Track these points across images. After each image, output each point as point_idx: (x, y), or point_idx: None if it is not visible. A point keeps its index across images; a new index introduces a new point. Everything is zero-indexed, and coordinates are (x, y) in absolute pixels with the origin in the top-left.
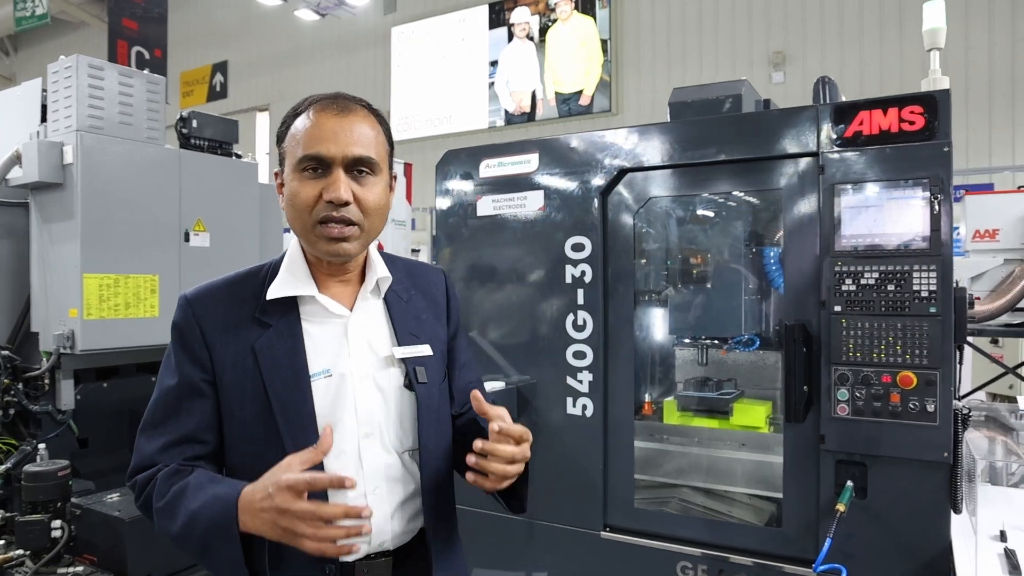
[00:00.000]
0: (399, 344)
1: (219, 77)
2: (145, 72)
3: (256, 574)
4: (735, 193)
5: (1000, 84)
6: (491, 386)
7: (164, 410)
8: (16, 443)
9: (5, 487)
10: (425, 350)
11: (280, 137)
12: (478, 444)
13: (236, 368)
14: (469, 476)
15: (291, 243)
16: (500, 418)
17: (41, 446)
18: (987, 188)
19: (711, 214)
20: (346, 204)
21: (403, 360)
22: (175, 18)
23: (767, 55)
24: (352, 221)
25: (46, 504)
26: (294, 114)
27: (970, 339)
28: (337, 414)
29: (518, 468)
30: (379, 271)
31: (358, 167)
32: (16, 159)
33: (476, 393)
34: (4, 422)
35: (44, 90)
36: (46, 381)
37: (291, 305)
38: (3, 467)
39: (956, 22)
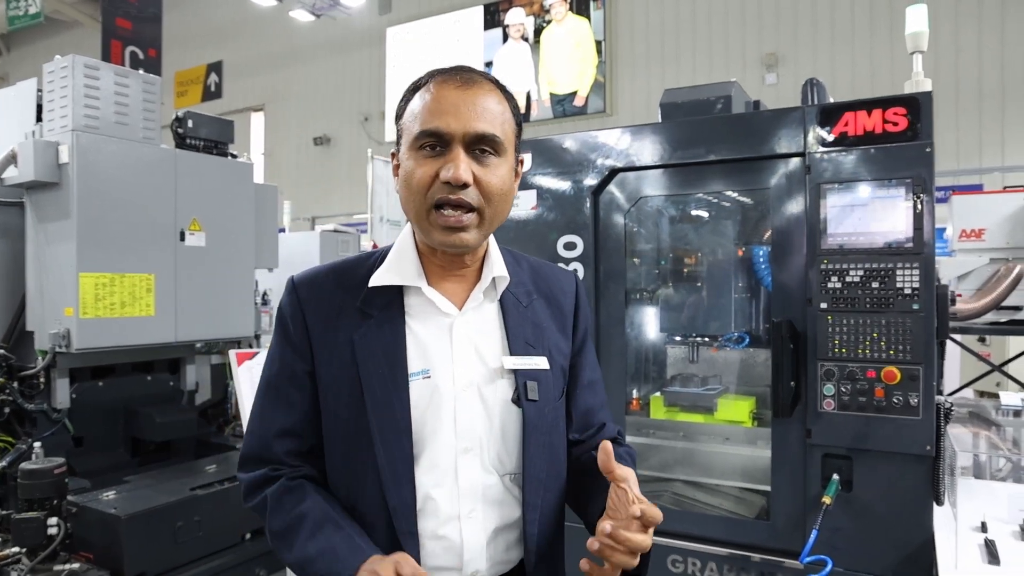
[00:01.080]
0: (511, 353)
1: (214, 77)
2: (141, 72)
3: None
4: (725, 193)
5: (990, 86)
6: None
7: (266, 399)
8: (12, 441)
9: (1, 485)
10: (541, 363)
11: (399, 114)
12: (606, 527)
13: (334, 360)
14: (583, 564)
15: (404, 229)
16: (625, 480)
17: (37, 444)
18: (977, 189)
19: (702, 213)
20: (465, 186)
21: (514, 372)
22: (169, 18)
23: (760, 56)
24: (472, 206)
25: (42, 501)
26: (414, 88)
27: (957, 337)
28: (433, 423)
29: (636, 560)
30: (496, 269)
31: (481, 146)
32: (12, 158)
33: (607, 446)
34: (0, 420)
35: (39, 90)
36: (41, 380)
37: (396, 296)
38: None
39: (946, 24)
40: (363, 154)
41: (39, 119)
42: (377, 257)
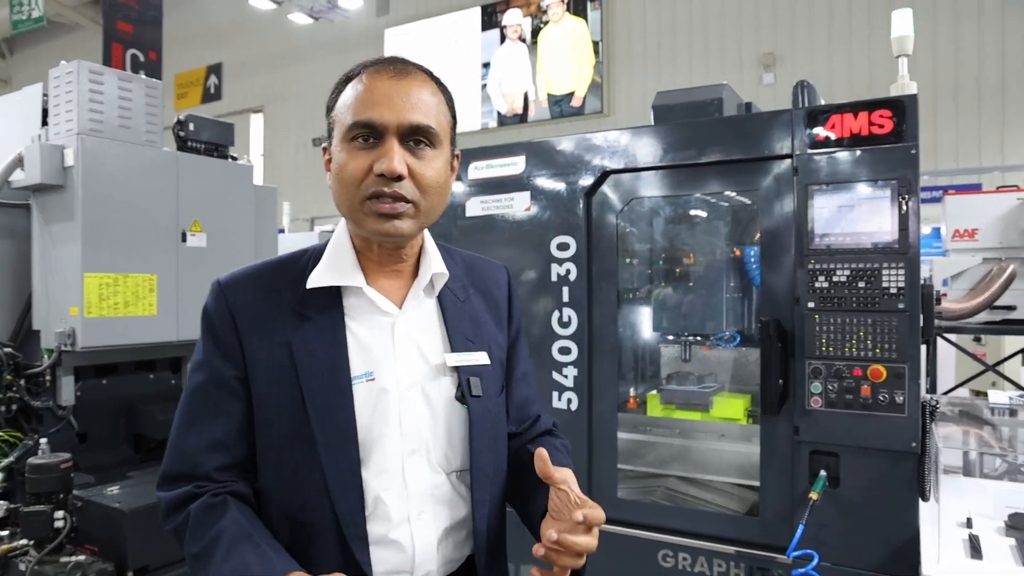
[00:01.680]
0: (452, 350)
1: (213, 79)
2: (143, 76)
3: None
4: (716, 194)
5: (989, 85)
6: None
7: (195, 408)
8: (20, 436)
9: (8, 480)
10: (482, 358)
11: (330, 106)
12: (552, 535)
13: (270, 365)
14: (534, 571)
15: (338, 227)
16: (565, 482)
17: (43, 440)
18: (976, 188)
19: (693, 214)
20: (400, 178)
21: (456, 369)
22: (169, 20)
23: (757, 56)
24: (406, 198)
25: (49, 495)
26: (346, 79)
27: (952, 336)
28: (379, 426)
29: (583, 560)
30: (435, 265)
31: (415, 137)
32: (18, 162)
33: (543, 453)
34: (7, 417)
35: (45, 94)
36: (47, 378)
37: (334, 297)
38: (6, 460)
39: (945, 24)
40: None
41: (45, 123)
42: (310, 256)
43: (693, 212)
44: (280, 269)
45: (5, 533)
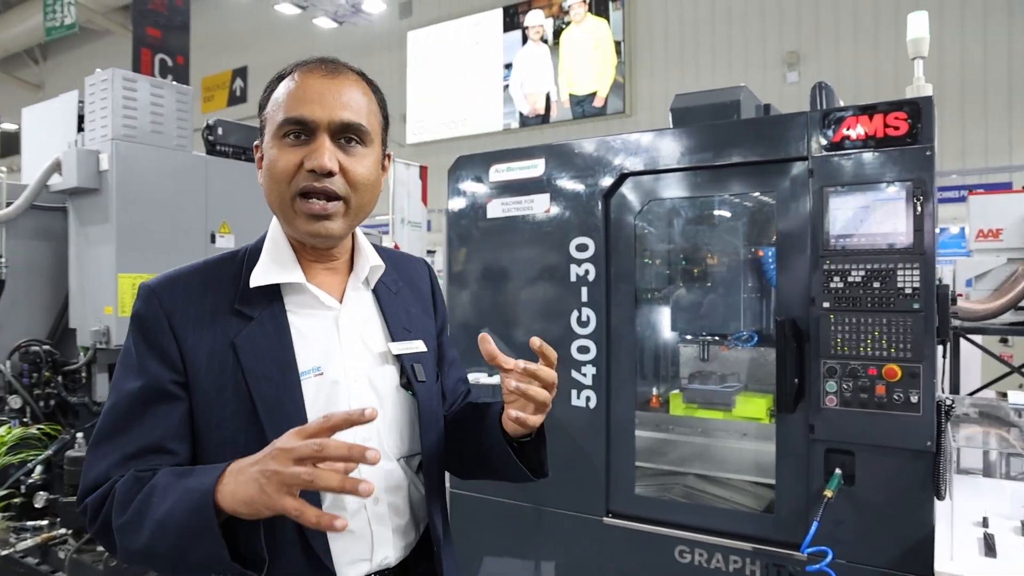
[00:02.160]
0: (393, 340)
1: (239, 82)
2: (174, 83)
3: None
4: (733, 196)
5: (1020, 81)
6: (499, 379)
7: (125, 418)
8: (61, 428)
9: (46, 472)
10: (420, 346)
11: (262, 104)
12: (520, 364)
13: (213, 367)
14: (512, 412)
15: (272, 227)
16: (511, 362)
17: (79, 435)
18: (1006, 187)
19: (711, 215)
20: (330, 174)
21: (398, 357)
22: (196, 25)
23: (781, 55)
24: (337, 195)
25: None
26: (279, 78)
27: (977, 338)
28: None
29: (550, 397)
30: (371, 259)
31: (346, 135)
32: (56, 166)
33: (485, 336)
34: (45, 412)
35: (80, 101)
36: (83, 374)
37: (274, 295)
38: (45, 453)
39: (974, 20)
40: None
41: (80, 129)
42: (244, 255)
43: (711, 213)
44: (213, 270)
45: (45, 523)
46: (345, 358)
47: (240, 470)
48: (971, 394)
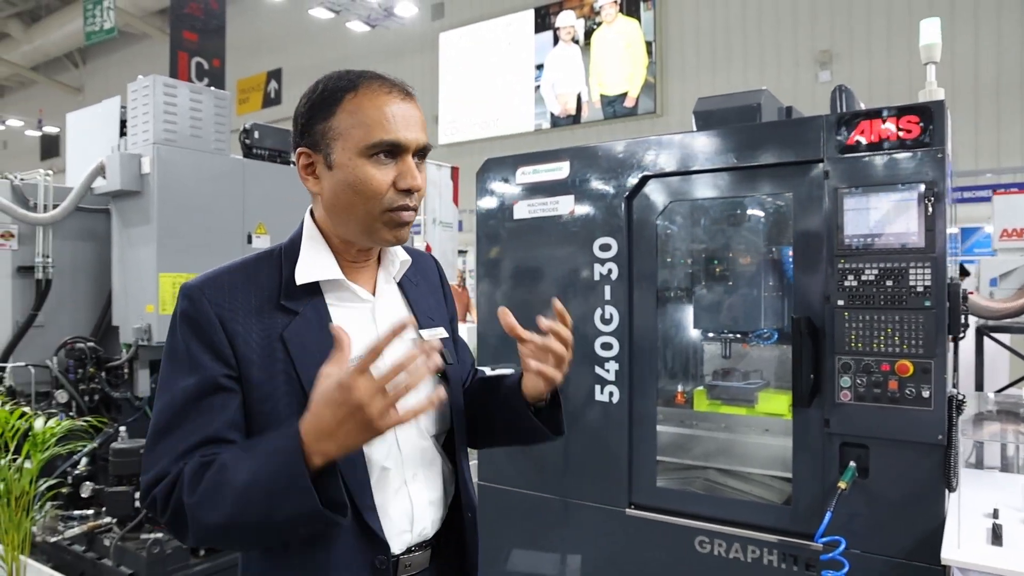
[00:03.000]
0: (420, 327)
1: (273, 84)
2: (212, 89)
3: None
4: (752, 196)
5: None
6: None
7: (182, 413)
8: (106, 421)
9: (91, 464)
10: (443, 332)
11: (316, 113)
12: (544, 323)
13: (264, 359)
14: (532, 364)
15: (305, 227)
16: (529, 334)
17: (122, 428)
18: None
19: (732, 216)
20: (419, 191)
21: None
22: (231, 28)
23: (813, 54)
24: (415, 208)
25: (130, 477)
26: (338, 90)
27: (1005, 337)
28: None
29: (567, 353)
30: (400, 255)
31: (420, 154)
32: (100, 170)
33: (505, 309)
34: (89, 406)
35: (123, 106)
36: (126, 370)
37: (315, 291)
38: (91, 445)
39: (988, 21)
40: None
41: (122, 134)
42: (279, 255)
43: (731, 213)
44: (252, 268)
45: (91, 512)
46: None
47: (317, 416)
48: (998, 392)
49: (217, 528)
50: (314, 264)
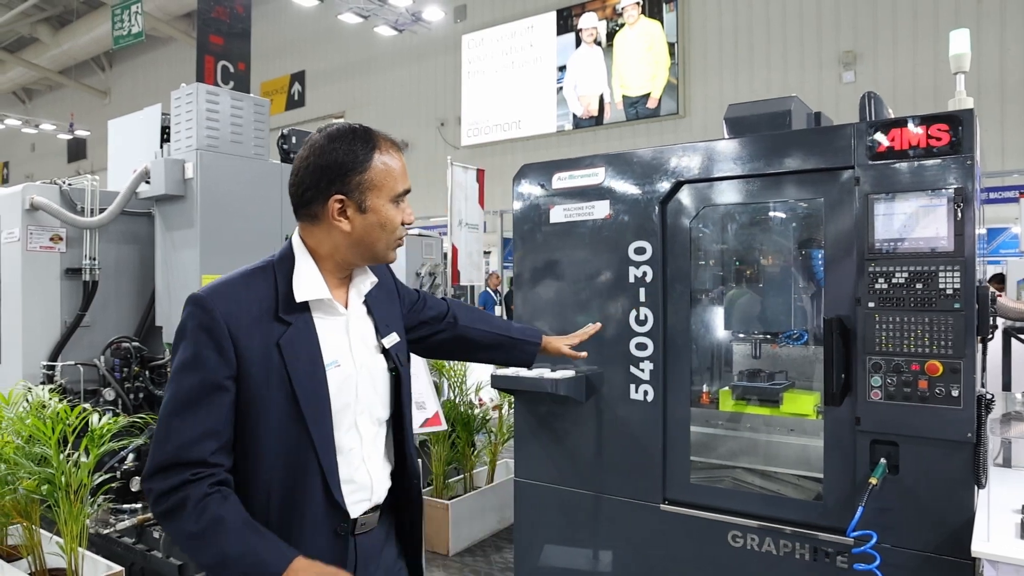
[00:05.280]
0: (380, 336)
1: (297, 86)
2: (252, 96)
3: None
4: (783, 201)
5: None
6: (562, 374)
7: (187, 405)
8: (155, 416)
9: (138, 459)
10: (396, 337)
11: (352, 167)
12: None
13: (263, 362)
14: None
15: (297, 250)
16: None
17: None
18: None
19: (763, 220)
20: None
21: (386, 349)
22: (255, 30)
23: (837, 55)
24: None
25: None
26: (368, 148)
27: None
28: (343, 399)
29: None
30: (371, 276)
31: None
32: (145, 175)
33: (598, 325)
34: (134, 404)
35: (164, 113)
36: (168, 369)
37: (304, 305)
38: (137, 441)
39: (1015, 21)
40: (439, 157)
41: (164, 140)
42: (273, 268)
43: (763, 218)
44: (251, 280)
45: (140, 505)
46: (354, 353)
47: (305, 569)
48: None
49: (193, 552)
50: (310, 284)
